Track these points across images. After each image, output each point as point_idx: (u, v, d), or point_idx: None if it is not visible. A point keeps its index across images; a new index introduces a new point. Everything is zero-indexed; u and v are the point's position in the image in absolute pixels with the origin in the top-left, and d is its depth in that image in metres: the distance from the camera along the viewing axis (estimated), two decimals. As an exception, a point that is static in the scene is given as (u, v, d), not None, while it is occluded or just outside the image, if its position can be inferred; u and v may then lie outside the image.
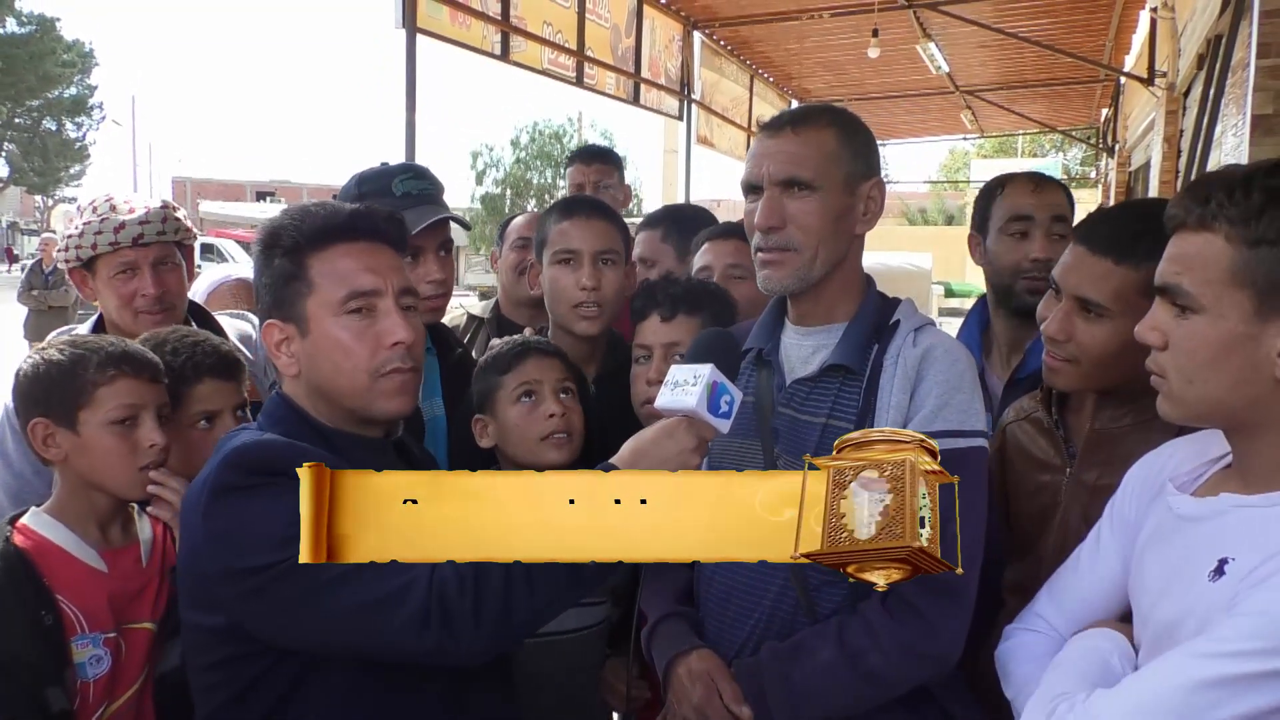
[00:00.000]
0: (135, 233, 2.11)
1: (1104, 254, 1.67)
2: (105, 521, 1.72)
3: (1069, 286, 1.72)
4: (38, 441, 1.68)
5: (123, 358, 1.69)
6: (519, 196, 31.51)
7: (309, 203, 1.52)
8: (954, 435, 1.55)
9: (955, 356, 1.63)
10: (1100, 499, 1.70)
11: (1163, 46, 8.27)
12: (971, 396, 1.60)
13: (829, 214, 1.61)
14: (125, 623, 1.66)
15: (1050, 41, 9.36)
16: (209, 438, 1.84)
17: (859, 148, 1.65)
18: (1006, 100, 12.88)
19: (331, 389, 1.47)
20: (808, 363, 1.69)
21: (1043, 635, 1.50)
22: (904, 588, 1.48)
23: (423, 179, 2.27)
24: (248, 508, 1.32)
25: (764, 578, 1.65)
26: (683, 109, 9.06)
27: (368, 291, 1.46)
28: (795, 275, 1.64)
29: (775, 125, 1.67)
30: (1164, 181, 7.90)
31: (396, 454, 1.58)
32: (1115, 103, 12.74)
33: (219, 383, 1.87)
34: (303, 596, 1.29)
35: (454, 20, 5.49)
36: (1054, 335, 1.73)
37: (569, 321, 2.20)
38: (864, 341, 1.65)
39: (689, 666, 1.63)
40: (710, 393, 1.40)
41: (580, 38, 6.96)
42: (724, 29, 9.27)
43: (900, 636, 1.52)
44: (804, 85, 11.81)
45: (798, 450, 1.62)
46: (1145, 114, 9.60)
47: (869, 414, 1.60)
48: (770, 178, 1.63)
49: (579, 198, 2.37)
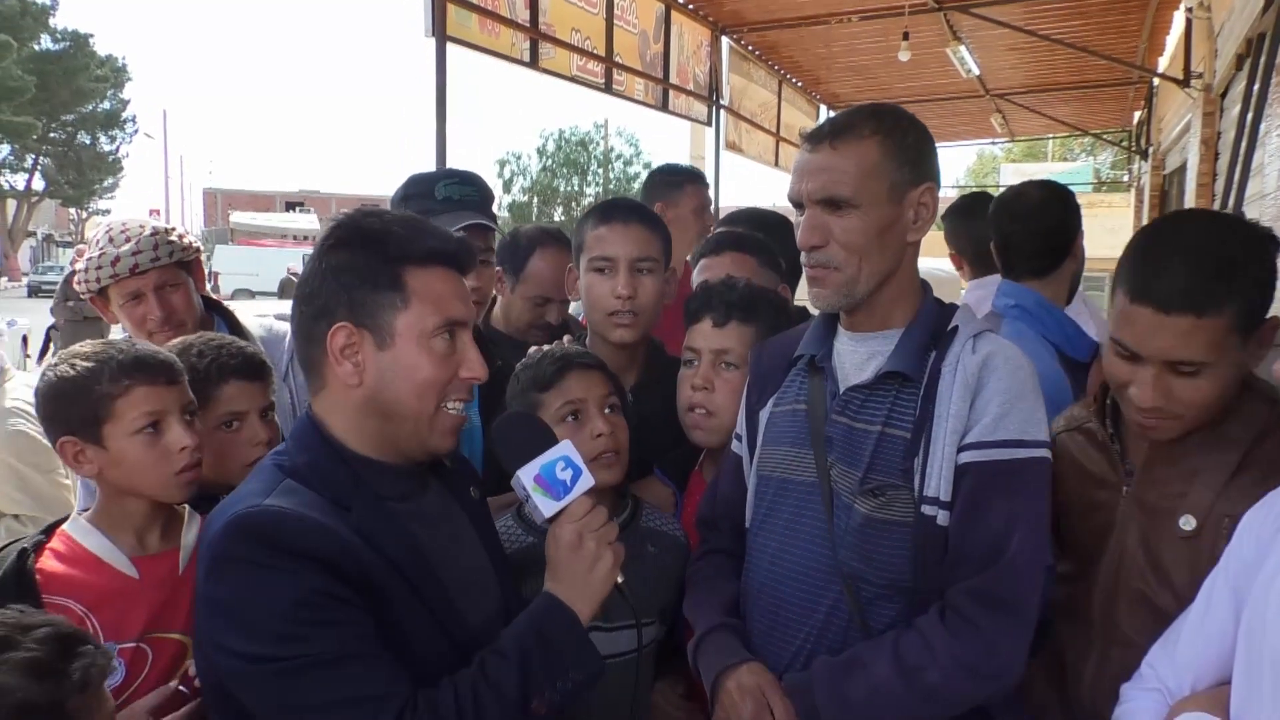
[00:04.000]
0: (130, 264, 2.27)
1: (1183, 312, 1.52)
2: (144, 527, 1.70)
3: (1152, 352, 1.56)
4: (69, 459, 1.67)
5: (135, 365, 1.66)
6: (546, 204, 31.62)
7: (401, 213, 1.47)
8: (1016, 445, 1.52)
9: (1018, 364, 1.58)
10: (1159, 521, 1.63)
11: (1199, 47, 8.13)
12: (1034, 405, 1.55)
13: (872, 229, 1.57)
14: (154, 631, 1.65)
15: (1082, 43, 9.23)
16: (236, 439, 1.86)
17: (906, 154, 1.59)
18: (1037, 103, 12.72)
19: (398, 409, 1.41)
20: (862, 369, 1.65)
21: (1160, 695, 1.43)
22: (962, 603, 1.48)
23: (467, 185, 2.26)
24: (247, 584, 1.28)
25: (816, 591, 1.62)
26: (711, 115, 9.01)
27: (460, 321, 1.44)
28: (841, 293, 1.61)
29: (815, 138, 1.62)
30: (1201, 184, 7.76)
31: (430, 469, 1.55)
32: (1149, 105, 12.56)
33: (244, 384, 1.87)
34: (277, 703, 1.27)
35: (483, 28, 5.49)
36: (1153, 404, 1.59)
37: (604, 329, 2.19)
38: (921, 348, 1.60)
39: (739, 680, 1.58)
40: (544, 488, 1.45)
41: (609, 44, 6.94)
42: (752, 34, 9.23)
43: (958, 654, 1.47)
44: (832, 90, 11.74)
45: (852, 459, 1.59)
46: (1181, 116, 9.45)
47: (927, 422, 1.55)
48: (809, 196, 1.59)
49: (617, 201, 2.31)
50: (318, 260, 1.43)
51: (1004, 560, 1.48)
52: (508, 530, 1.89)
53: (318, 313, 1.41)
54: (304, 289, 1.43)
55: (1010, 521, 1.49)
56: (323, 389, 1.44)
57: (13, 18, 34.22)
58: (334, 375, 1.41)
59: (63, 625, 1.19)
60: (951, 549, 1.52)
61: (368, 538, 1.34)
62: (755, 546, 1.74)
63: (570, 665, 1.38)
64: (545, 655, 1.36)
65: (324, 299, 1.40)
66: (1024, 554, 1.49)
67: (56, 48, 38.73)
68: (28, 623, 1.16)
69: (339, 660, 1.25)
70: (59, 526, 1.70)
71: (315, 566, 1.27)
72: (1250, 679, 1.26)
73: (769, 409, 1.77)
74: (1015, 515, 1.50)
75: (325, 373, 1.42)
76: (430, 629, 1.37)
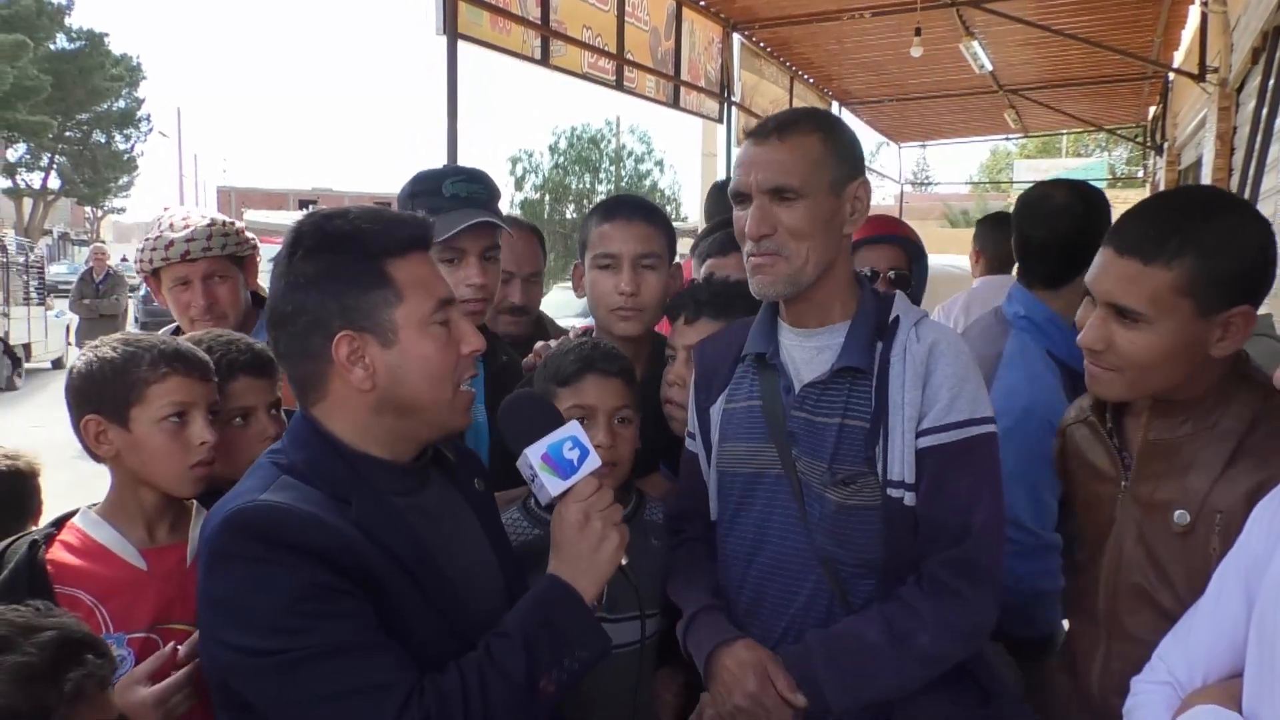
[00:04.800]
0: (183, 249, 2.35)
1: (1132, 255, 1.56)
2: (153, 519, 1.73)
3: (1100, 293, 1.62)
4: (90, 438, 1.70)
5: (175, 356, 1.70)
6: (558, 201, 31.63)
7: (359, 207, 1.45)
8: (968, 425, 1.63)
9: (959, 348, 1.68)
10: (1154, 516, 1.63)
11: (1214, 41, 8.08)
12: (977, 384, 1.67)
13: (817, 218, 1.65)
14: (164, 622, 1.67)
15: (1096, 38, 9.19)
16: (244, 435, 1.89)
17: (843, 151, 1.69)
18: (1051, 99, 12.65)
19: (415, 401, 1.41)
20: (813, 364, 1.72)
21: (1170, 687, 1.42)
22: (941, 570, 1.61)
23: (475, 182, 2.26)
24: (245, 579, 1.28)
25: (797, 577, 1.70)
26: (722, 111, 9.00)
27: (449, 300, 1.44)
28: (787, 279, 1.67)
29: (761, 133, 1.69)
30: (1216, 179, 7.69)
31: (433, 461, 1.55)
32: (1164, 100, 12.48)
33: (253, 380, 1.90)
34: (280, 696, 1.28)
35: (494, 25, 5.50)
36: (1090, 345, 1.64)
37: (609, 324, 2.23)
38: (869, 340, 1.68)
39: (738, 656, 1.64)
40: (551, 467, 1.45)
41: (620, 41, 6.94)
42: (763, 30, 9.20)
43: (945, 618, 1.59)
44: (844, 86, 11.71)
45: (817, 451, 1.68)
46: (1196, 111, 9.38)
47: (884, 411, 1.64)
48: (759, 186, 1.66)
49: (621, 198, 2.32)
50: (289, 274, 1.38)
51: (974, 531, 1.61)
52: (513, 523, 1.90)
53: (308, 328, 1.38)
54: (282, 308, 1.39)
55: (973, 495, 1.62)
56: (323, 399, 1.42)
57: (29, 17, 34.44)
58: (341, 384, 1.39)
59: (71, 630, 1.17)
60: (922, 526, 1.63)
61: (368, 532, 1.33)
62: (728, 542, 1.80)
63: (576, 644, 1.38)
64: (551, 635, 1.36)
65: (311, 312, 1.37)
66: (990, 523, 1.63)
67: (72, 47, 38.94)
68: (36, 624, 1.15)
69: (341, 651, 1.25)
70: (69, 519, 1.73)
71: (312, 560, 1.27)
72: (1262, 671, 1.26)
73: (720, 405, 1.83)
74: (977, 489, 1.63)
75: (329, 384, 1.40)
76: (433, 622, 1.37)
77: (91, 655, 1.16)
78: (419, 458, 1.50)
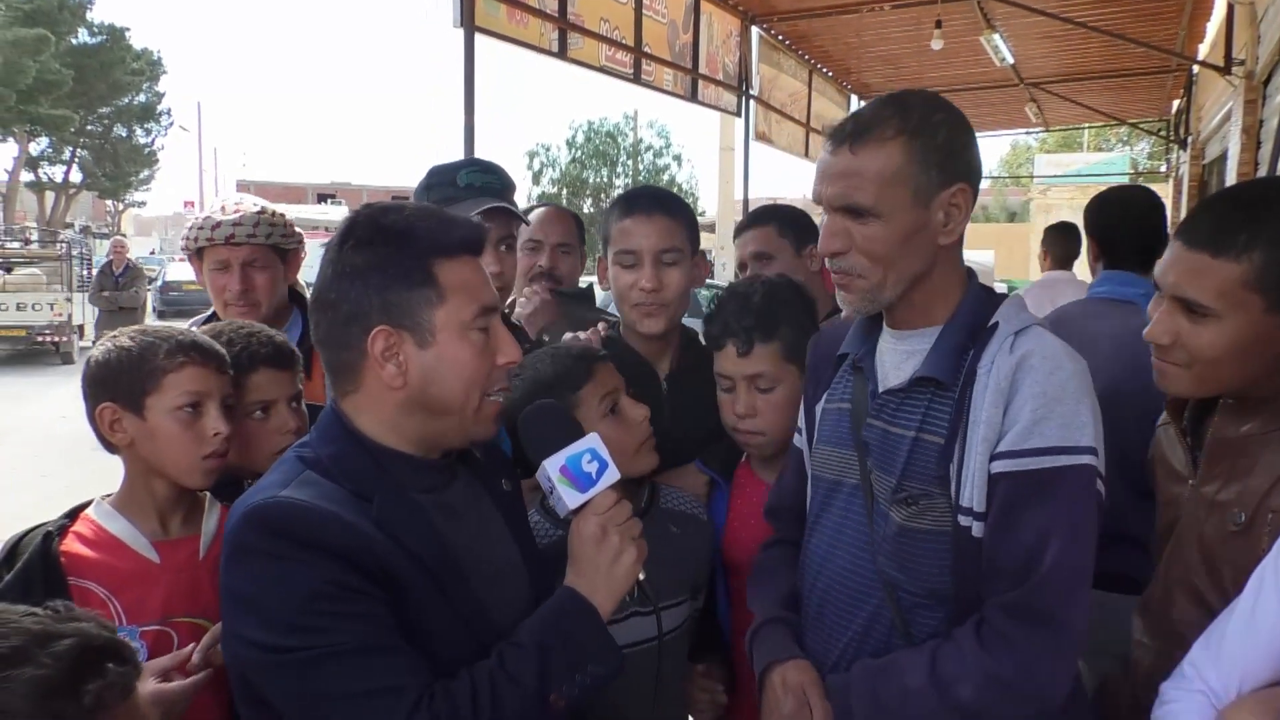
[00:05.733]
0: (227, 233, 2.36)
1: (1202, 248, 1.52)
2: (166, 511, 1.73)
3: (1168, 285, 1.57)
4: (104, 426, 1.70)
5: (192, 346, 1.71)
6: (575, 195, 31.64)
7: (417, 204, 1.43)
8: (1050, 453, 1.42)
9: (1057, 363, 1.46)
10: (1216, 515, 1.57)
11: (1240, 33, 7.96)
12: (1075, 408, 1.44)
13: (895, 237, 1.49)
14: (175, 615, 1.66)
15: (1119, 30, 9.08)
16: (264, 428, 1.88)
17: (934, 155, 1.48)
18: (1072, 92, 12.53)
19: (444, 404, 1.39)
20: (900, 369, 1.59)
21: (1204, 697, 1.37)
22: (996, 616, 1.43)
23: (489, 173, 2.28)
24: (264, 575, 1.28)
25: (859, 596, 1.59)
26: (741, 105, 8.96)
27: (492, 307, 1.43)
28: (865, 299, 1.55)
29: (837, 138, 1.53)
30: (1241, 173, 7.59)
31: (460, 459, 1.53)
32: (1188, 93, 12.33)
33: (274, 372, 1.89)
34: (293, 692, 1.28)
35: (511, 18, 5.49)
36: (1158, 340, 1.59)
37: (633, 321, 2.21)
38: (957, 349, 1.52)
39: (784, 676, 1.59)
40: (569, 479, 1.42)
41: (638, 34, 6.92)
42: (782, 23, 9.16)
43: (991, 669, 1.40)
44: (863, 79, 11.64)
45: (888, 465, 1.55)
46: (1221, 104, 9.26)
47: (961, 427, 1.48)
48: (830, 202, 1.52)
49: (641, 191, 2.28)
50: (338, 263, 1.38)
51: (1038, 575, 1.40)
52: (535, 525, 1.87)
53: (348, 318, 1.37)
54: (326, 294, 1.39)
55: (1044, 535, 1.41)
56: (356, 391, 1.41)
57: (51, 12, 34.65)
58: (373, 378, 1.38)
59: (93, 637, 1.12)
60: (985, 563, 1.45)
61: (389, 530, 1.32)
62: (808, 547, 1.72)
63: (589, 659, 1.37)
64: (564, 649, 1.35)
65: (353, 303, 1.36)
66: (1061, 568, 1.40)
67: (93, 41, 39.13)
68: (55, 631, 1.09)
69: (355, 651, 1.25)
70: (83, 510, 1.73)
71: (331, 558, 1.26)
72: None
73: (822, 404, 1.74)
74: (1049, 528, 1.41)
75: (362, 376, 1.39)
76: (453, 622, 1.36)
77: (113, 664, 1.12)
78: (446, 454, 1.49)
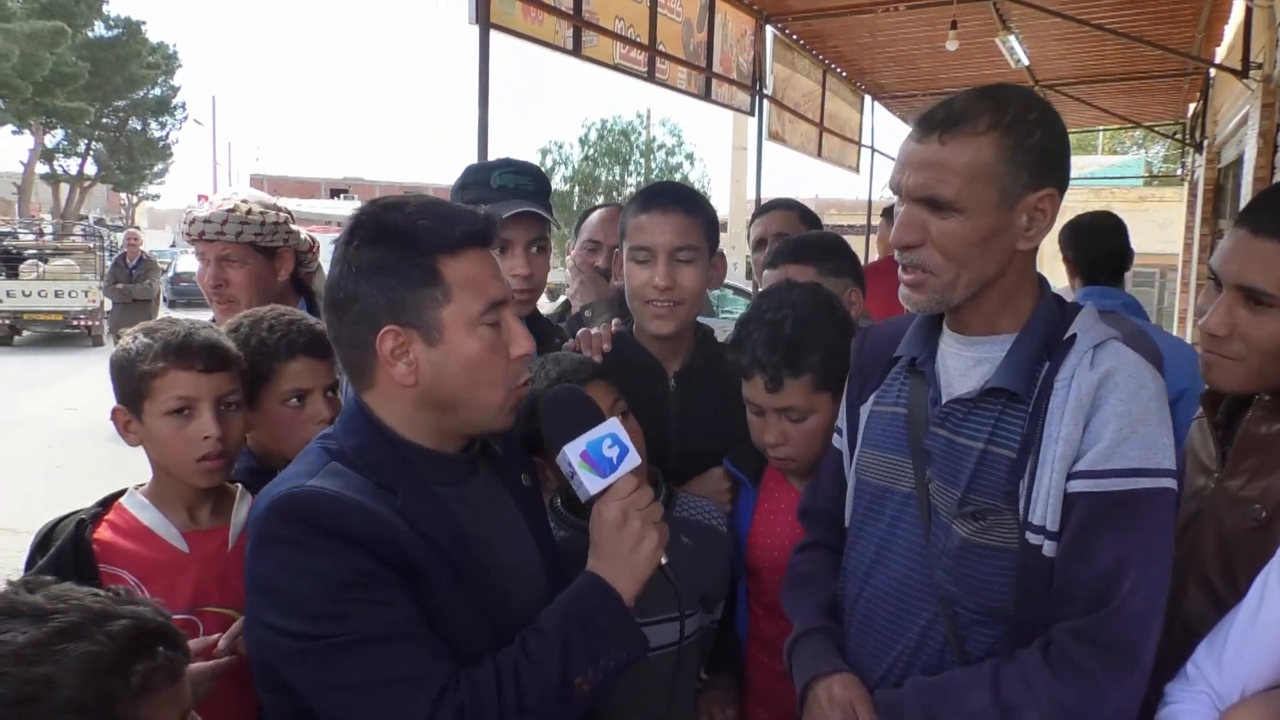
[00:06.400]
0: (199, 229, 2.45)
1: (1269, 236, 1.49)
2: (193, 503, 1.75)
3: (1230, 275, 1.54)
4: (120, 427, 1.73)
5: (175, 349, 1.69)
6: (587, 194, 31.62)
7: (421, 199, 1.42)
8: (1133, 475, 1.36)
9: (1141, 381, 1.40)
10: (1237, 510, 1.56)
11: (1259, 37, 7.91)
12: (1158, 429, 1.38)
13: (974, 236, 1.41)
14: (204, 605, 1.68)
15: (1135, 33, 9.03)
16: (300, 416, 1.88)
17: (1025, 156, 1.40)
18: (1087, 94, 12.46)
19: (458, 401, 1.40)
20: (967, 377, 1.51)
21: (1208, 698, 1.36)
22: (1066, 641, 1.37)
23: (524, 174, 2.27)
24: (289, 563, 1.29)
25: (911, 610, 1.53)
26: (754, 104, 8.95)
27: (501, 301, 1.42)
28: (934, 298, 1.48)
29: (926, 125, 1.44)
30: (1258, 178, 7.55)
31: (481, 453, 1.54)
32: (1204, 96, 12.25)
33: (311, 361, 1.89)
34: (318, 680, 1.28)
35: (526, 16, 5.48)
36: (1215, 330, 1.55)
37: (643, 319, 2.15)
38: (1031, 360, 1.45)
39: (830, 691, 1.52)
40: (590, 464, 1.42)
41: (652, 32, 6.91)
42: (796, 22, 9.14)
43: (1060, 696, 1.34)
44: (877, 80, 11.61)
45: (952, 477, 1.48)
46: (1238, 108, 9.20)
47: (1035, 442, 1.41)
48: (910, 191, 1.44)
49: (659, 187, 2.24)
50: (345, 261, 1.39)
51: (1114, 603, 1.34)
52: None
53: (358, 317, 1.38)
54: (336, 293, 1.40)
55: (1122, 561, 1.35)
56: (371, 387, 1.42)
57: (67, 5, 34.79)
58: (386, 375, 1.39)
59: (147, 620, 1.12)
60: (1057, 585, 1.39)
61: (412, 522, 1.34)
62: (852, 553, 1.66)
63: (613, 644, 1.37)
64: (587, 634, 1.35)
65: (362, 303, 1.37)
66: (1136, 598, 1.35)
67: (109, 35, 39.31)
68: (113, 612, 1.11)
69: (380, 639, 1.26)
70: (116, 499, 1.75)
71: (355, 547, 1.27)
72: None
73: (869, 406, 1.67)
74: (1128, 555, 1.35)
75: (375, 374, 1.40)
76: (473, 614, 1.37)
77: (163, 647, 1.13)
78: (467, 449, 1.50)
